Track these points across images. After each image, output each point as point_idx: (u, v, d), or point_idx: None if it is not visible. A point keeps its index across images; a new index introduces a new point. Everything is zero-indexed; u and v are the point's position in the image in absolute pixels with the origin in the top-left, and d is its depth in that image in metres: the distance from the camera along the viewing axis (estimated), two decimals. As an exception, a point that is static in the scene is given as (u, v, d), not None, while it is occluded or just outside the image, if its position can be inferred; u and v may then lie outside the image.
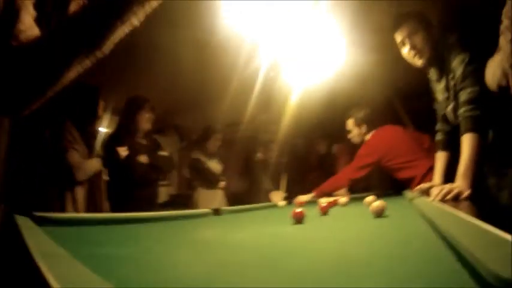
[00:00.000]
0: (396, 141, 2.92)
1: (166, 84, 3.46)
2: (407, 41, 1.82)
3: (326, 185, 3.07)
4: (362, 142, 3.11)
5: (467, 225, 0.59)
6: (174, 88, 3.56)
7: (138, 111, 2.59)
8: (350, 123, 3.18)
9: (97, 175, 2.28)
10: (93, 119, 2.35)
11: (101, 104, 2.34)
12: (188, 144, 4.96)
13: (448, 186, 1.36)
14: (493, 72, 1.29)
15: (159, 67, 3.10)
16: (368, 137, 3.08)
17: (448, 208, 0.88)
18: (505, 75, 1.21)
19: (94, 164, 2.22)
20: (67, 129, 2.12)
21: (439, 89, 1.86)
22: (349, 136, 3.22)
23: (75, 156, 2.08)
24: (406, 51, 1.86)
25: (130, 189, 2.47)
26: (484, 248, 0.45)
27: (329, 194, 3.03)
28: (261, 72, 3.25)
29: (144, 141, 2.67)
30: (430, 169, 2.49)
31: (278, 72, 3.32)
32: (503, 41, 1.16)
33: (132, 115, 2.60)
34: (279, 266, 0.62)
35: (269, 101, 3.86)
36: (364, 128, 3.10)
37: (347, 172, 3.01)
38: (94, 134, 2.41)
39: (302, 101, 3.63)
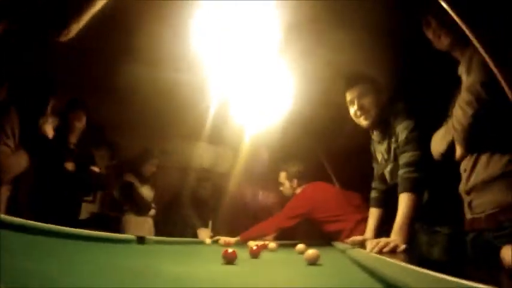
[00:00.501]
0: (326, 196, 3.05)
1: (114, 98, 3.30)
2: (356, 101, 1.94)
3: (253, 230, 3.03)
4: (292, 195, 3.20)
5: (419, 274, 0.61)
6: (121, 104, 3.40)
7: (72, 110, 2.55)
8: (282, 177, 3.28)
9: (24, 176, 2.05)
10: (40, 114, 2.18)
11: (52, 101, 2.19)
12: (118, 163, 4.64)
13: (384, 240, 1.43)
14: (438, 143, 1.45)
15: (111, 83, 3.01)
16: (299, 190, 3.19)
17: (391, 259, 0.91)
18: (450, 146, 1.36)
19: (21, 161, 1.97)
20: (9, 118, 1.88)
21: (380, 150, 2.01)
22: (281, 189, 3.30)
23: (5, 154, 1.84)
24: (353, 110, 1.98)
25: (53, 197, 2.26)
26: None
27: (254, 239, 3.00)
28: (211, 107, 3.27)
29: (73, 149, 2.54)
30: (358, 223, 2.62)
31: (228, 110, 3.35)
32: (459, 114, 1.26)
33: (65, 114, 2.52)
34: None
35: (217, 137, 3.83)
36: (295, 182, 3.22)
37: (276, 220, 3.03)
38: (35, 130, 2.18)
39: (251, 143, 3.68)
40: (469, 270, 0.96)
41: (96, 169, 2.64)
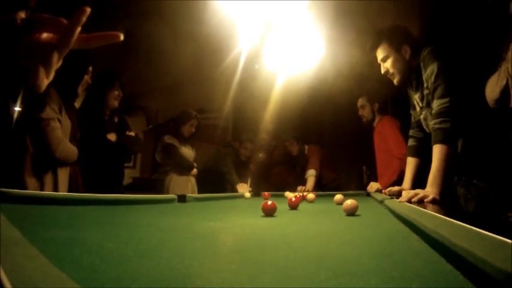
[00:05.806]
0: None
1: (143, 65, 3.35)
2: (382, 65, 1.96)
3: (389, 178, 2.72)
4: (372, 119, 3.10)
5: (458, 227, 0.58)
6: (152, 70, 3.45)
7: (108, 88, 2.47)
8: (362, 99, 3.15)
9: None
10: (74, 93, 2.18)
11: (85, 79, 2.18)
12: (155, 127, 4.80)
13: (413, 192, 1.41)
14: (492, 90, 1.34)
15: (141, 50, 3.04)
16: (378, 118, 3.07)
17: (429, 211, 0.88)
18: (504, 92, 1.25)
19: (73, 151, 2.02)
20: (51, 98, 1.92)
21: (415, 98, 1.92)
22: (360, 113, 3.17)
23: (58, 129, 1.89)
24: (382, 71, 2.00)
25: (98, 168, 2.35)
26: (485, 249, 0.43)
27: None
28: (241, 61, 3.21)
29: (112, 119, 2.57)
30: None
31: (261, 64, 3.28)
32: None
33: (101, 91, 2.46)
34: (259, 259, 0.58)
35: (251, 94, 3.81)
36: (377, 106, 3.09)
37: (398, 164, 2.74)
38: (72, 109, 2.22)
39: (284, 97, 3.62)
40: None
41: (132, 133, 2.71)
